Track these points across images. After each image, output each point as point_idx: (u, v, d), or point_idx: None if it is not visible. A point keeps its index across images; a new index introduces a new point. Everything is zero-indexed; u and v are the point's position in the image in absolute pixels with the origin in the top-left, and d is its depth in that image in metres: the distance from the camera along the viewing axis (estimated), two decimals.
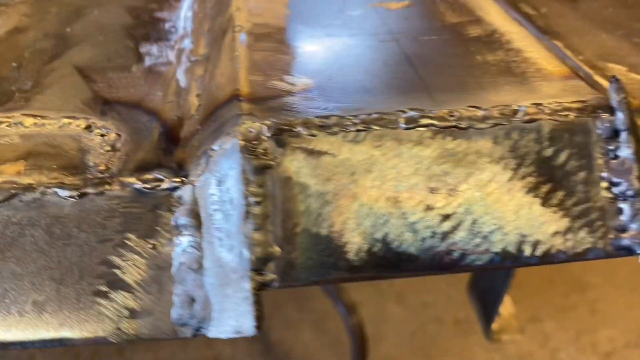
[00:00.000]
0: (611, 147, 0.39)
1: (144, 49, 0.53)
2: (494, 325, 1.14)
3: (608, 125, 0.39)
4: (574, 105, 0.39)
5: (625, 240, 0.37)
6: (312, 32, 0.50)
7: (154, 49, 0.53)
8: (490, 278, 1.17)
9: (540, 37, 0.54)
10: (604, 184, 0.38)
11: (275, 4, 0.55)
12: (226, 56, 0.46)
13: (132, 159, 0.39)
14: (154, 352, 1.85)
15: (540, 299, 2.08)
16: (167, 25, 0.56)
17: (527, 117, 0.38)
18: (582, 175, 0.38)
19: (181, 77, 0.46)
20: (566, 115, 0.39)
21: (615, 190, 0.38)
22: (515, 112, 0.38)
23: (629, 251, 0.37)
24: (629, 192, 0.37)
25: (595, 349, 1.94)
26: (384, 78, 0.43)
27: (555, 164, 0.38)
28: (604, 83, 0.48)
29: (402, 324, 2.05)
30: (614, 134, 0.39)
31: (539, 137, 0.38)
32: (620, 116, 0.38)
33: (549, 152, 0.38)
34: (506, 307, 1.19)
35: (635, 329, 1.93)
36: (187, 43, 0.51)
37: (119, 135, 0.41)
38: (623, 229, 0.38)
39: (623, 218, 0.37)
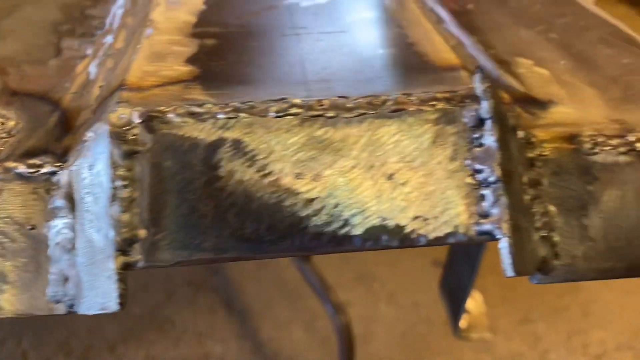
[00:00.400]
0: (476, 135, 0.40)
1: (65, 43, 0.55)
2: (462, 323, 1.15)
3: (473, 114, 0.40)
4: (443, 95, 0.40)
5: (487, 225, 0.38)
6: (220, 26, 0.52)
7: (76, 44, 0.55)
8: (456, 275, 1.18)
9: (452, 31, 0.56)
10: (468, 171, 0.39)
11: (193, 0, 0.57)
12: (131, 49, 0.48)
13: (23, 145, 0.41)
14: (145, 350, 1.88)
15: (532, 299, 2.07)
16: (96, 22, 0.58)
17: (394, 107, 0.39)
18: (446, 163, 0.39)
19: (93, 70, 0.48)
20: (433, 105, 0.40)
21: (479, 177, 0.39)
22: (384, 101, 0.39)
23: (490, 236, 0.38)
24: (491, 179, 0.38)
25: (586, 350, 1.93)
26: (271, 70, 0.44)
27: (419, 149, 0.39)
28: (506, 76, 0.49)
29: (393, 323, 2.06)
30: (480, 122, 0.40)
31: (403, 127, 0.39)
32: (484, 105, 0.39)
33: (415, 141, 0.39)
34: (477, 305, 1.19)
35: (627, 331, 1.92)
36: (109, 38, 0.53)
37: (18, 123, 0.44)
38: (485, 215, 0.39)
39: (485, 204, 0.39)
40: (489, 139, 0.38)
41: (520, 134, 0.42)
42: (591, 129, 0.44)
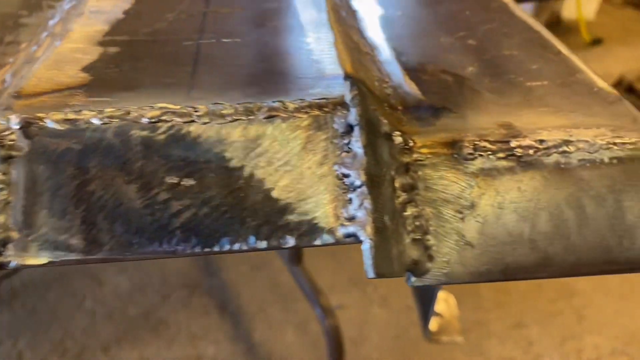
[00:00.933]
0: (345, 141, 0.41)
1: None
2: (433, 326, 1.15)
3: (343, 120, 0.41)
4: (315, 103, 0.41)
5: (352, 227, 0.39)
6: (129, 34, 0.54)
7: None
8: None
9: (369, 37, 0.57)
10: (337, 176, 0.40)
11: (116, 9, 0.58)
12: (41, 57, 0.50)
13: None
14: (139, 350, 1.90)
15: (526, 304, 2.07)
16: (27, 31, 0.61)
17: (267, 114, 0.41)
18: (314, 168, 0.40)
19: (8, 78, 0.50)
20: (306, 112, 0.41)
21: (347, 181, 0.40)
22: (259, 108, 0.41)
23: (355, 238, 0.39)
24: (357, 183, 0.39)
25: (579, 355, 1.92)
26: (159, 77, 0.46)
27: (290, 154, 0.40)
28: (409, 83, 0.51)
29: (385, 326, 2.06)
30: (349, 128, 0.41)
31: (274, 133, 0.40)
32: (352, 112, 0.40)
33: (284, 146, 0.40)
34: (450, 308, 1.20)
35: (622, 337, 1.90)
36: (34, 47, 0.55)
37: None
38: (352, 218, 0.40)
39: (351, 207, 0.40)
40: (356, 145, 0.39)
41: (398, 139, 0.43)
42: (475, 134, 0.45)
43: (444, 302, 1.20)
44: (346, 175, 0.40)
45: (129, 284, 2.15)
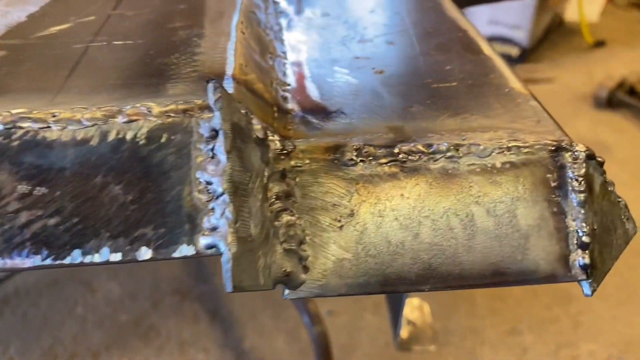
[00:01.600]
0: (210, 147, 0.39)
1: None
2: (404, 333, 1.13)
3: (207, 124, 0.39)
4: (181, 106, 0.39)
5: (213, 238, 0.37)
6: (21, 38, 0.52)
7: None
8: None
9: (273, 43, 0.55)
10: (200, 184, 0.38)
11: (21, 13, 0.57)
12: None
13: None
14: (128, 357, 1.90)
15: (521, 310, 2.03)
16: None
17: (127, 118, 0.39)
18: (176, 174, 0.38)
19: None
20: (169, 116, 0.39)
21: (210, 189, 0.38)
22: (118, 112, 0.39)
23: (217, 249, 0.37)
24: (219, 191, 0.37)
25: None
26: (32, 81, 0.44)
27: (151, 163, 0.39)
28: (310, 85, 0.48)
29: (377, 333, 2.04)
30: (215, 133, 0.39)
31: (136, 137, 0.39)
32: (216, 115, 0.38)
33: (144, 151, 0.39)
34: (422, 316, 1.17)
35: (618, 343, 1.86)
36: None
37: None
38: (214, 228, 0.38)
39: (213, 217, 0.38)
40: (220, 150, 0.37)
41: (274, 145, 0.41)
42: (361, 139, 0.42)
43: (418, 310, 1.17)
44: (209, 183, 0.38)
45: (121, 290, 2.16)
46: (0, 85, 0.44)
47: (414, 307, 1.14)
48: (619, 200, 0.44)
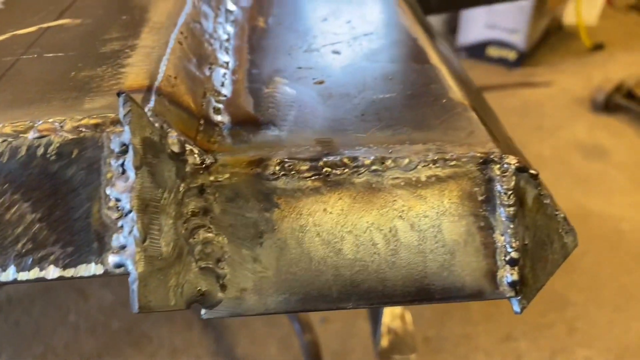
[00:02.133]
0: (120, 162, 0.38)
1: None
2: (384, 342, 1.11)
3: (118, 139, 0.38)
4: (93, 121, 0.39)
5: (120, 257, 0.37)
6: None
7: None
8: None
9: (215, 52, 0.54)
10: (110, 201, 0.38)
11: None
12: None
13: None
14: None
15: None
16: None
17: (38, 134, 0.38)
18: (85, 191, 0.38)
19: None
20: (81, 131, 0.38)
21: (120, 206, 0.37)
22: (31, 127, 0.38)
23: (125, 268, 0.36)
24: (127, 208, 0.36)
25: None
26: None
27: (61, 179, 0.38)
28: (244, 97, 0.48)
29: (370, 340, 2.02)
30: (126, 148, 0.38)
31: (46, 153, 0.38)
32: (126, 130, 0.37)
33: (54, 167, 0.38)
34: (404, 325, 1.15)
35: (614, 349, 1.84)
36: None
37: None
38: (123, 247, 0.37)
39: (122, 235, 0.37)
40: (129, 165, 0.37)
41: (192, 159, 0.40)
42: (287, 152, 0.41)
43: (399, 319, 1.15)
44: (119, 200, 0.37)
45: (113, 297, 2.16)
46: None
47: (395, 316, 1.12)
48: (557, 213, 0.43)
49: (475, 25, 3.27)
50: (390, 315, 1.19)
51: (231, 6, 0.65)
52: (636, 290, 2.07)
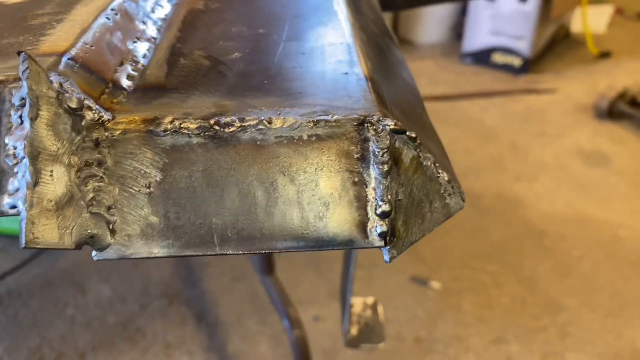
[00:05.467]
0: (19, 114, 0.42)
1: None
2: (353, 330, 1.14)
3: (18, 94, 0.42)
4: None
5: (13, 199, 0.40)
6: None
7: None
8: (343, 282, 1.17)
9: (145, 27, 0.58)
10: (9, 149, 0.41)
11: None
12: None
13: None
14: (114, 358, 1.94)
15: (509, 319, 2.02)
16: None
17: None
18: None
19: None
20: None
21: (16, 153, 0.41)
22: None
23: (18, 210, 0.40)
24: (21, 155, 0.40)
25: None
26: None
27: None
28: (161, 65, 0.51)
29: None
30: (25, 102, 0.42)
31: None
32: (24, 85, 0.41)
33: None
34: (374, 315, 1.18)
35: (606, 354, 1.83)
36: None
37: None
38: (17, 190, 0.41)
39: (16, 180, 0.41)
40: (25, 117, 0.40)
41: (89, 115, 0.44)
42: (180, 112, 0.45)
43: (370, 309, 1.18)
44: (16, 148, 0.41)
45: (111, 292, 2.20)
46: None
47: (367, 306, 1.15)
48: (439, 175, 0.46)
49: (481, 31, 3.29)
50: (363, 304, 1.21)
51: None
52: (631, 296, 2.06)
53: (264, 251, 0.42)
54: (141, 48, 0.55)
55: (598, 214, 2.39)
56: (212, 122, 0.44)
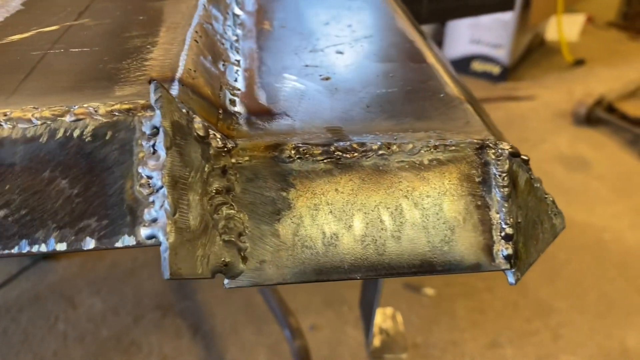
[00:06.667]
0: (152, 143, 0.42)
1: None
2: (376, 342, 1.14)
3: (149, 122, 0.42)
4: (125, 105, 0.42)
5: (152, 229, 0.40)
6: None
7: None
8: (367, 293, 1.18)
9: (227, 51, 0.58)
10: (142, 178, 0.41)
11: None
12: None
13: None
14: None
15: (502, 323, 2.05)
16: None
17: (74, 117, 0.42)
18: (119, 169, 0.41)
19: None
20: (114, 115, 0.42)
21: (151, 183, 0.41)
22: (66, 112, 0.42)
23: (156, 240, 0.40)
24: (158, 185, 0.40)
25: None
26: None
27: (96, 158, 0.41)
28: (255, 89, 0.51)
29: (359, 347, 2.05)
30: (157, 130, 0.42)
31: (82, 135, 0.41)
32: (157, 114, 0.41)
33: (90, 148, 0.41)
34: (395, 325, 1.19)
35: (597, 356, 1.88)
36: None
37: None
38: (154, 220, 0.40)
39: (153, 210, 0.40)
40: (160, 146, 0.40)
41: (216, 142, 0.44)
42: (299, 138, 0.45)
43: (390, 319, 1.19)
44: (150, 177, 0.41)
45: (103, 305, 2.16)
46: None
47: (387, 316, 1.16)
48: (546, 196, 0.47)
49: (460, 40, 3.35)
50: (382, 315, 1.22)
51: (238, 11, 0.69)
52: (617, 298, 2.12)
53: (392, 276, 0.43)
54: (230, 71, 0.56)
55: (582, 218, 2.45)
56: (333, 148, 0.44)
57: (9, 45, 0.53)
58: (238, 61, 0.59)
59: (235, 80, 0.55)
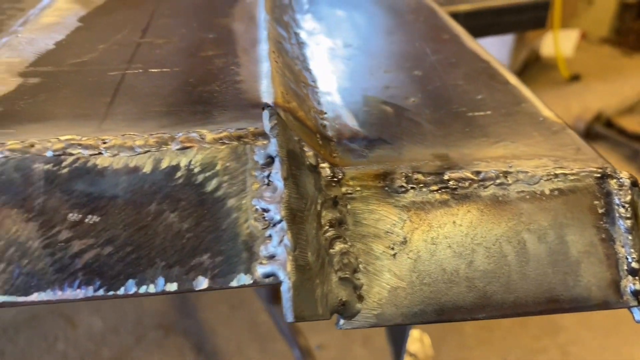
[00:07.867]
0: (266, 174, 0.38)
1: None
2: None
3: (263, 151, 0.39)
4: (235, 133, 0.39)
5: (271, 267, 0.37)
6: (54, 65, 0.52)
7: None
8: None
9: (303, 73, 0.55)
10: (257, 211, 0.38)
11: (48, 40, 0.57)
12: None
13: None
14: None
15: (510, 341, 2.03)
16: None
17: (180, 145, 0.38)
18: (231, 202, 0.38)
19: None
20: (224, 143, 0.39)
21: (267, 217, 0.37)
22: (171, 139, 0.38)
23: (275, 278, 0.36)
24: (276, 218, 0.37)
25: None
26: (73, 108, 0.44)
27: (206, 190, 0.38)
28: (347, 114, 0.48)
29: None
30: (271, 160, 0.38)
31: (190, 165, 0.38)
32: (272, 142, 0.37)
33: (199, 179, 0.38)
34: (424, 348, 1.16)
35: None
36: None
37: None
38: (272, 256, 0.37)
39: (270, 245, 0.37)
40: (276, 177, 0.37)
41: (325, 172, 0.40)
42: (408, 166, 0.42)
43: (419, 342, 1.16)
44: (266, 210, 0.37)
45: (103, 324, 2.10)
46: (40, 111, 0.42)
47: (415, 339, 1.13)
48: None
49: None
50: (410, 338, 1.19)
51: (297, 29, 0.67)
52: (624, 315, 2.11)
53: (519, 315, 0.40)
54: (312, 94, 0.52)
55: None
56: (447, 177, 0.42)
57: (80, 65, 0.50)
58: (315, 82, 0.56)
59: (319, 104, 0.52)
